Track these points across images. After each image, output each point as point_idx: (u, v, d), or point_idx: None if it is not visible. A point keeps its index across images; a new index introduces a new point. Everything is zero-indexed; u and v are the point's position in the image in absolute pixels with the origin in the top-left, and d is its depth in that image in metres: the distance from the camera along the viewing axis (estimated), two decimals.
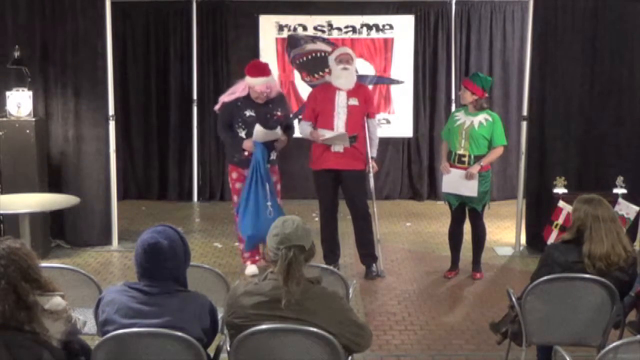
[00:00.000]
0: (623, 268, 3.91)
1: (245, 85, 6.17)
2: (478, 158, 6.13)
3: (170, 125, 9.60)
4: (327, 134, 6.21)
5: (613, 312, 3.88)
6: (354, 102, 6.23)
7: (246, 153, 6.13)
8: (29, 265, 2.99)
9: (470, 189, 6.11)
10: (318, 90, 6.49)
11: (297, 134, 6.70)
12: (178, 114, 9.58)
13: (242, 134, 6.16)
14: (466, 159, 6.15)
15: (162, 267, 3.02)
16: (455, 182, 6.17)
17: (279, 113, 6.25)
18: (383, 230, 7.07)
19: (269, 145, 6.18)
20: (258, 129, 6.02)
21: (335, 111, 6.21)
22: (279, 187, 6.44)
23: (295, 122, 6.79)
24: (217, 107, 6.41)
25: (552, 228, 6.54)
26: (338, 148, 6.23)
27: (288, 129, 6.39)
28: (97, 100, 7.18)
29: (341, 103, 6.22)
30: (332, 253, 6.46)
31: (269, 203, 6.00)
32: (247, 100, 6.17)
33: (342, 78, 6.23)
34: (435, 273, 6.62)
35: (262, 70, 6.16)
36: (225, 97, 6.28)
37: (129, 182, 9.67)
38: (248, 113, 6.14)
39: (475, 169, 6.10)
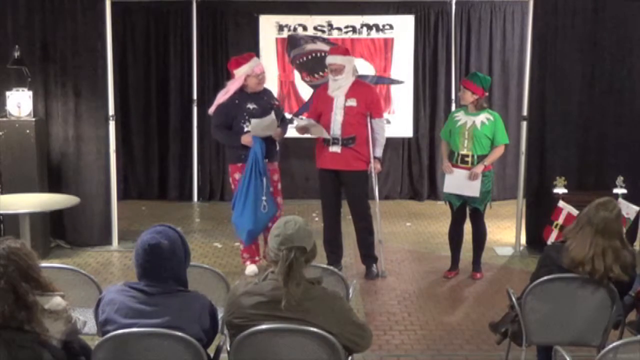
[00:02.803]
0: (611, 278, 3.84)
1: (238, 81, 6.17)
2: (481, 158, 6.13)
3: (170, 125, 9.61)
4: (301, 122, 6.31)
5: (613, 312, 3.88)
6: (351, 103, 6.20)
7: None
8: (28, 265, 2.99)
9: (472, 189, 6.11)
10: (320, 90, 6.50)
11: (296, 134, 6.70)
12: (178, 114, 9.58)
13: (250, 128, 6.17)
14: (469, 159, 6.15)
15: (163, 268, 3.02)
16: (458, 182, 6.17)
17: (275, 102, 6.40)
18: (383, 230, 7.07)
19: (269, 140, 6.19)
20: (254, 122, 6.06)
21: (332, 112, 6.22)
22: (279, 186, 6.45)
23: (295, 121, 6.78)
24: (211, 110, 6.40)
25: (552, 228, 6.54)
26: (335, 148, 6.22)
27: (282, 121, 6.46)
28: (97, 100, 7.18)
29: (338, 104, 6.21)
30: (334, 253, 6.46)
31: (264, 198, 6.04)
32: (243, 95, 6.20)
33: (333, 89, 6.25)
34: (435, 273, 6.62)
35: (247, 56, 6.30)
36: (220, 99, 6.28)
37: (129, 182, 9.67)
38: (251, 106, 6.17)
39: (479, 168, 6.09)
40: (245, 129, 6.16)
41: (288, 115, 6.59)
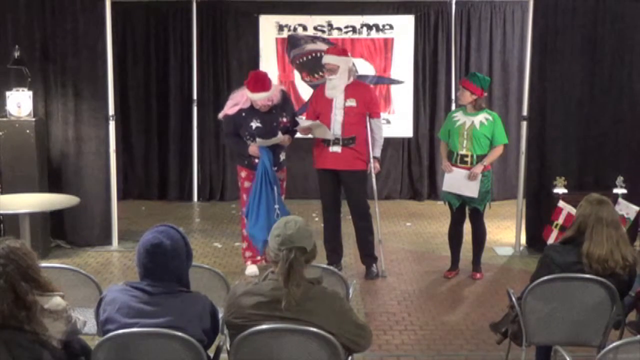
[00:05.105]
0: (620, 274, 3.90)
1: (246, 99, 6.13)
2: (480, 158, 6.14)
3: (170, 125, 9.60)
4: (304, 122, 6.27)
5: (613, 312, 3.88)
6: (351, 103, 6.21)
7: (256, 160, 6.13)
8: (28, 265, 2.99)
9: (471, 190, 6.12)
10: (318, 91, 6.50)
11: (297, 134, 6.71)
12: (178, 114, 9.58)
13: (252, 143, 6.15)
14: (469, 159, 6.15)
15: (165, 267, 3.02)
16: (457, 181, 6.17)
17: (284, 120, 6.23)
18: (383, 230, 7.07)
19: (276, 148, 6.19)
20: (258, 140, 6.07)
21: (332, 112, 6.22)
22: (284, 184, 6.46)
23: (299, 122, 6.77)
24: (220, 115, 6.38)
25: (552, 228, 6.54)
26: (336, 148, 6.23)
27: (294, 127, 6.42)
28: (97, 100, 7.18)
29: (338, 105, 6.22)
30: (334, 253, 6.47)
31: (276, 206, 6.04)
32: (251, 111, 6.13)
33: (328, 89, 6.25)
34: (435, 273, 6.62)
35: (262, 84, 6.04)
36: (228, 109, 6.19)
37: (129, 182, 9.67)
38: (254, 125, 6.11)
39: (478, 169, 6.10)
40: (250, 144, 6.16)
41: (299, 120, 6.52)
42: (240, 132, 6.20)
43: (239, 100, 6.17)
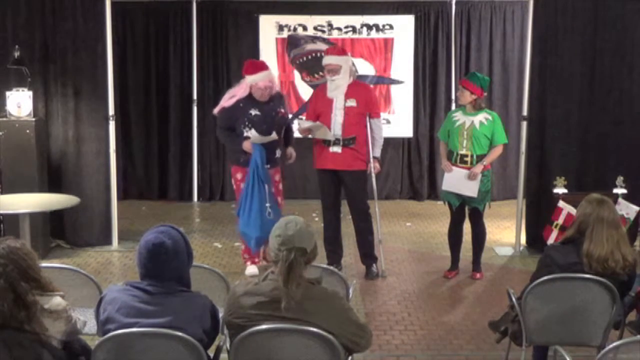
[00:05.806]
0: (620, 274, 3.90)
1: (245, 87, 6.15)
2: (480, 157, 6.14)
3: (170, 125, 9.61)
4: (304, 123, 6.28)
5: (613, 312, 3.88)
6: (351, 103, 6.21)
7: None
8: (28, 265, 2.99)
9: (471, 189, 6.12)
10: (318, 91, 6.50)
11: (296, 134, 6.72)
12: (178, 114, 9.58)
13: (249, 133, 6.15)
14: (469, 159, 6.15)
15: (166, 267, 3.02)
16: (457, 181, 6.17)
17: (282, 110, 6.29)
18: (383, 230, 7.07)
19: (272, 145, 6.18)
20: (254, 134, 6.06)
21: (332, 113, 6.22)
22: (281, 186, 6.45)
23: (295, 122, 6.78)
24: (216, 110, 6.38)
25: (552, 228, 6.53)
26: (336, 148, 6.23)
27: (289, 131, 6.42)
28: (97, 100, 7.18)
29: (338, 105, 6.22)
30: (334, 253, 6.47)
31: (267, 204, 6.02)
32: (249, 100, 6.16)
33: (331, 89, 6.26)
34: (435, 273, 6.62)
35: (260, 66, 6.22)
36: (225, 102, 6.23)
37: (129, 182, 9.67)
38: (253, 112, 6.14)
39: (478, 168, 6.10)
40: (245, 134, 6.15)
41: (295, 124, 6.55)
42: (236, 125, 6.19)
43: (236, 92, 6.20)
